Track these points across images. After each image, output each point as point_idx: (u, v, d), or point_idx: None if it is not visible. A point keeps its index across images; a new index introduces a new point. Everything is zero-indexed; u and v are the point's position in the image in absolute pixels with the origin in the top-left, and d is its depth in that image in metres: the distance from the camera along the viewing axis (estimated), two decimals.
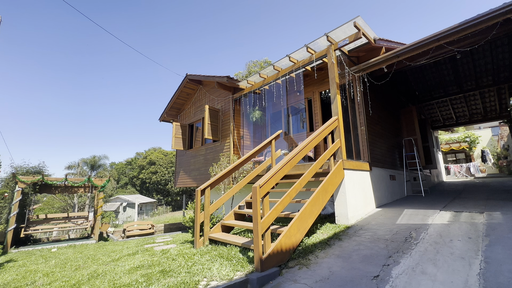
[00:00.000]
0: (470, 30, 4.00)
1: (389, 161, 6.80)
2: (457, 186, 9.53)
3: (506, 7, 3.57)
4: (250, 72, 22.02)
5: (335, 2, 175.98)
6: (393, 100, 8.10)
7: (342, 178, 4.41)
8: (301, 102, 7.34)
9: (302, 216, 3.42)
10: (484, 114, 11.70)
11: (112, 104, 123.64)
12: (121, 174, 48.20)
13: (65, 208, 22.06)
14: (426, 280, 2.29)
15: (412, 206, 5.24)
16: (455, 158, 19.49)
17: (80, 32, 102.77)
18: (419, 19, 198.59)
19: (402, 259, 2.76)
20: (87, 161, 27.59)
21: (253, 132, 8.44)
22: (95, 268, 3.64)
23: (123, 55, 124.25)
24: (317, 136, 4.13)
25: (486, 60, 8.01)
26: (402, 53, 4.76)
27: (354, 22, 4.48)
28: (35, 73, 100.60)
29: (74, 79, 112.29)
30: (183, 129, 10.17)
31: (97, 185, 9.20)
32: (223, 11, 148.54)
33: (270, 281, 2.68)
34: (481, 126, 20.24)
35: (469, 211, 4.28)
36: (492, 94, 10.35)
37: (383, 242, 3.30)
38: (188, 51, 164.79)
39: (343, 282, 2.46)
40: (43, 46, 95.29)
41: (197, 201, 4.12)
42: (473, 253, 2.66)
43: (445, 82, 9.46)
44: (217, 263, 3.08)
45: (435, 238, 3.21)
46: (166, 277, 2.81)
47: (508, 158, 14.72)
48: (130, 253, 4.47)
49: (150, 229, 11.83)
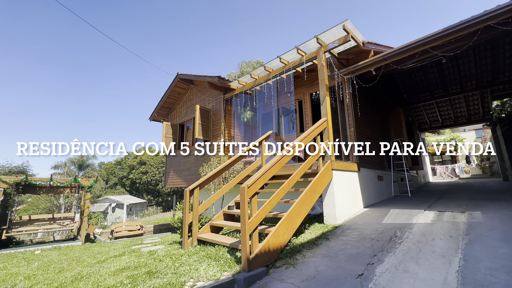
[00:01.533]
0: (453, 36, 4.13)
1: (377, 162, 6.94)
2: (442, 187, 9.82)
3: (486, 15, 3.71)
4: (242, 72, 21.97)
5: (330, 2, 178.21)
6: (382, 102, 8.27)
7: (330, 179, 4.47)
8: (292, 103, 7.40)
9: (290, 216, 3.45)
10: (468, 117, 12.11)
11: (102, 102, 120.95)
12: (110, 174, 47.22)
13: (51, 209, 21.43)
14: (408, 278, 2.36)
15: (398, 206, 5.37)
16: (441, 159, 20.07)
17: (68, 27, 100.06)
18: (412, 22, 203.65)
19: (386, 257, 2.82)
20: (74, 161, 26.87)
21: (244, 133, 8.44)
22: (79, 270, 3.56)
23: (112, 53, 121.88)
24: (307, 137, 4.17)
25: (470, 65, 8.30)
26: (389, 56, 4.88)
27: (343, 25, 4.56)
28: (20, 68, 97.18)
29: (63, 75, 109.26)
30: (173, 128, 10.06)
31: (84, 185, 8.99)
32: (216, 7, 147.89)
33: (257, 281, 2.69)
34: (465, 128, 20.92)
35: (451, 210, 4.42)
36: (476, 98, 10.72)
37: (368, 242, 3.36)
38: (179, 50, 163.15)
39: (329, 281, 2.50)
40: (25, 39, 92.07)
41: (186, 202, 4.10)
42: (453, 251, 2.76)
43: (432, 86, 9.74)
44: (204, 263, 3.06)
45: (419, 237, 3.30)
46: (152, 278, 2.78)
47: (490, 159, 15.27)
48: (117, 254, 4.39)
49: (139, 230, 11.63)
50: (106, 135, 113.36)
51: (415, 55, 4.90)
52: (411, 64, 5.35)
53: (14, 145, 30.40)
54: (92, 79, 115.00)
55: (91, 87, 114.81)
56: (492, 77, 8.72)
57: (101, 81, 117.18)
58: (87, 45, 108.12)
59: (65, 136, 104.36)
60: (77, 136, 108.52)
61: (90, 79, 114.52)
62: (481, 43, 6.52)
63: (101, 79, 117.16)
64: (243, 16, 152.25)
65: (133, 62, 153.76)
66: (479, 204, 4.83)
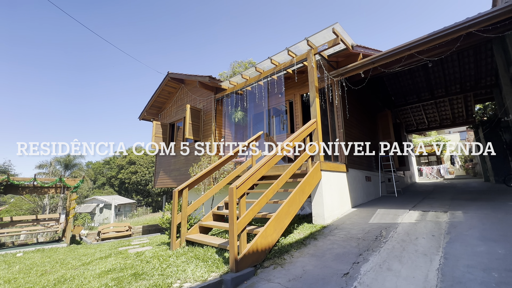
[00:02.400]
0: (437, 41, 4.27)
1: (366, 163, 7.07)
2: (427, 187, 10.12)
3: (468, 22, 3.86)
4: (234, 72, 21.96)
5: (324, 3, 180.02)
6: (370, 105, 8.44)
7: (319, 179, 4.53)
8: (283, 104, 7.45)
9: (279, 216, 3.48)
10: (452, 120, 12.53)
11: (90, 101, 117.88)
12: (99, 174, 46.13)
13: (35, 210, 20.73)
14: (391, 276, 2.42)
15: (385, 206, 5.49)
16: (428, 160, 20.66)
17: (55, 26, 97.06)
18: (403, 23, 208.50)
19: (371, 256, 2.89)
20: (60, 160, 26.10)
21: (235, 133, 8.43)
22: (63, 273, 3.47)
23: (102, 52, 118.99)
24: (296, 138, 4.22)
25: (454, 69, 8.59)
26: (377, 60, 4.98)
27: (332, 28, 4.64)
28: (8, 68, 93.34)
29: (50, 74, 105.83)
30: (163, 128, 9.93)
31: (70, 185, 8.74)
32: (209, 6, 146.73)
33: (244, 281, 2.70)
34: (450, 130, 21.63)
35: (435, 210, 4.56)
36: (460, 101, 11.11)
37: (355, 241, 3.43)
38: (171, 49, 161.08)
39: (315, 280, 2.54)
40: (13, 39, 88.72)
41: (174, 202, 4.06)
42: (434, 250, 2.85)
43: (419, 89, 10.02)
44: (192, 264, 3.05)
45: (403, 236, 3.40)
46: (138, 280, 2.74)
47: (473, 161, 15.84)
48: (103, 256, 4.29)
49: (127, 231, 11.41)
50: (94, 134, 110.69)
51: (402, 59, 5.03)
52: (398, 68, 5.49)
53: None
54: (82, 79, 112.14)
55: (80, 87, 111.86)
56: (475, 81, 9.06)
57: (91, 80, 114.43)
58: (77, 44, 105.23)
59: (54, 135, 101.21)
60: (67, 136, 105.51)
61: (80, 79, 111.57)
62: (465, 49, 6.77)
63: (91, 78, 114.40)
64: (236, 14, 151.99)
65: (123, 61, 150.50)
66: (461, 204, 5.01)
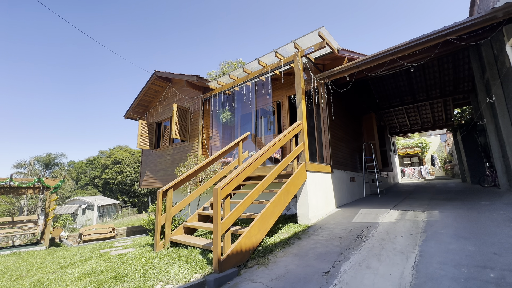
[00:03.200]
0: (417, 48, 4.46)
1: (350, 164, 7.25)
2: (409, 187, 10.50)
3: (445, 30, 4.06)
4: (223, 72, 21.92)
5: None
6: (356, 107, 8.66)
7: (304, 180, 4.60)
8: (270, 105, 7.50)
9: (264, 216, 3.51)
10: (433, 123, 13.07)
11: (74, 98, 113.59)
12: (82, 174, 44.54)
13: (11, 211, 19.75)
14: (369, 273, 2.51)
15: (368, 206, 5.66)
16: (410, 161, 21.42)
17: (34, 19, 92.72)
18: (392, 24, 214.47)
19: (352, 255, 2.98)
20: (40, 159, 24.99)
21: (222, 133, 8.41)
22: (39, 277, 3.33)
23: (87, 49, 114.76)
24: (281, 139, 4.27)
25: (435, 75, 8.98)
26: (361, 64, 5.13)
27: (318, 32, 4.73)
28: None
29: (29, 70, 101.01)
30: (150, 127, 9.75)
31: (49, 185, 8.40)
32: (202, 4, 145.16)
33: (227, 282, 2.70)
34: (432, 133, 22.54)
35: (414, 210, 4.75)
36: (440, 105, 11.61)
37: (337, 240, 3.52)
38: (156, 47, 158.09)
39: (297, 279, 2.58)
40: None
41: (159, 203, 4.00)
42: (411, 248, 2.97)
43: (402, 93, 10.39)
44: (175, 266, 3.02)
45: (382, 235, 3.52)
46: (119, 282, 2.69)
47: (452, 162, 16.57)
48: (83, 259, 4.17)
49: (110, 233, 11.09)
50: (80, 132, 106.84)
51: (384, 63, 5.21)
52: (381, 72, 5.68)
53: None
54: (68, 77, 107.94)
55: (67, 84, 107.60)
56: (454, 86, 9.50)
57: (77, 79, 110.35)
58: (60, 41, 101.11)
59: (34, 135, 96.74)
60: (47, 133, 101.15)
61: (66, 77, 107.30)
62: (444, 56, 7.10)
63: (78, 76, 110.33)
64: (228, 14, 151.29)
65: (111, 60, 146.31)
66: (438, 204, 5.24)
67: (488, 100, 6.45)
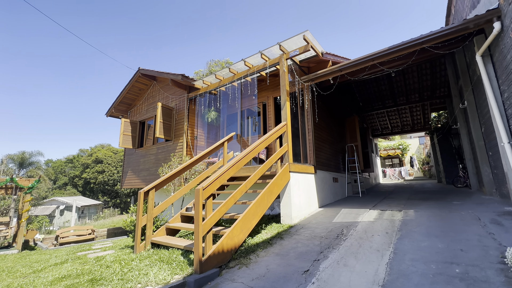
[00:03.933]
0: (396, 54, 4.65)
1: (333, 165, 7.43)
2: (389, 188, 10.90)
3: (421, 38, 4.26)
4: (211, 71, 21.71)
5: None
6: (339, 109, 8.88)
7: (288, 180, 4.67)
8: (256, 105, 7.54)
9: (246, 217, 3.53)
10: (412, 126, 13.66)
11: (51, 94, 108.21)
12: (60, 173, 42.52)
13: None
14: (346, 271, 2.60)
15: (349, 206, 5.82)
16: (392, 162, 22.25)
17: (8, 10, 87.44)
18: None
19: (331, 254, 3.06)
20: (14, 158, 23.62)
21: (208, 133, 8.35)
22: (8, 282, 3.17)
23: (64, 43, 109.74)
24: (265, 140, 4.31)
25: (414, 80, 9.38)
26: (344, 68, 5.28)
27: (303, 35, 4.82)
28: None
29: (3, 63, 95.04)
30: (133, 126, 9.49)
31: (23, 186, 7.98)
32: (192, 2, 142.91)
33: (208, 282, 2.70)
34: (411, 135, 23.52)
35: (391, 209, 4.95)
36: (419, 109, 12.15)
37: (318, 240, 3.60)
38: (143, 43, 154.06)
39: (277, 278, 2.63)
40: None
41: (140, 204, 3.92)
42: (386, 246, 3.11)
43: (383, 96, 10.77)
44: (156, 267, 2.97)
45: (361, 234, 3.65)
46: (95, 286, 2.61)
47: (429, 163, 17.39)
48: (58, 262, 4.00)
49: (90, 235, 10.69)
50: (60, 130, 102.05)
51: (366, 68, 5.39)
52: (364, 76, 5.87)
53: None
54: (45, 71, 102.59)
55: (44, 79, 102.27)
56: (431, 91, 9.97)
57: (55, 73, 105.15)
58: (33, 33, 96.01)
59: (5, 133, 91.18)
60: (22, 131, 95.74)
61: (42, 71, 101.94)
62: (422, 62, 7.43)
63: (58, 70, 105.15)
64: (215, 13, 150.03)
65: (90, 54, 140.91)
66: (414, 204, 5.49)
67: (461, 106, 6.84)
